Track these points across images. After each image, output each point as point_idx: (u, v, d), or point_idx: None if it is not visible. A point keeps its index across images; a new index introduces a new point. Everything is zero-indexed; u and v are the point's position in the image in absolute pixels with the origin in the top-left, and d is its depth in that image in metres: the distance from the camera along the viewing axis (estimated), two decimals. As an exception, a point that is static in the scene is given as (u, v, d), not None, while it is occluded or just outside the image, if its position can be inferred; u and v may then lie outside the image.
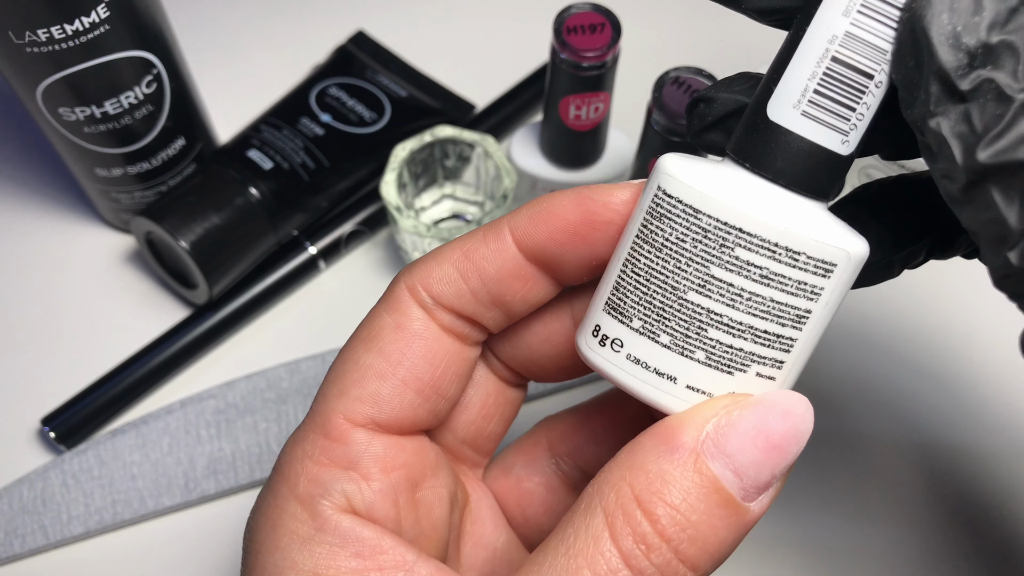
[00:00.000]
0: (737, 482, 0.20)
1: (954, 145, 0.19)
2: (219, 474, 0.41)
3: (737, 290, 0.21)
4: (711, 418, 0.21)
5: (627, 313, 0.22)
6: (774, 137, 0.21)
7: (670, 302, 0.21)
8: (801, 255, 0.20)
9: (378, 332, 0.25)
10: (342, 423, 0.24)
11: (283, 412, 0.43)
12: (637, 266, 0.22)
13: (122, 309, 0.47)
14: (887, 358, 0.45)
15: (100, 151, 0.43)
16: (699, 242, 0.21)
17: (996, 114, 0.18)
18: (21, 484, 0.40)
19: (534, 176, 0.45)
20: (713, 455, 0.20)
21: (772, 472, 0.20)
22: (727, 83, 0.24)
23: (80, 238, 0.49)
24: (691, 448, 0.20)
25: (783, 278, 0.20)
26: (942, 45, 0.18)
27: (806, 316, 0.21)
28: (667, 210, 0.21)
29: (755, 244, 0.20)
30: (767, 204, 0.20)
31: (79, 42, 0.38)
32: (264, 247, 0.46)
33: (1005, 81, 0.18)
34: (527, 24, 0.55)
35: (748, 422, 0.20)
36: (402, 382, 0.24)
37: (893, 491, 0.42)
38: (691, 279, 0.21)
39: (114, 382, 0.43)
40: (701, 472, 0.20)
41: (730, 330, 0.21)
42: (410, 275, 0.25)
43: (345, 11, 0.57)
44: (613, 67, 0.41)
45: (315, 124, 0.48)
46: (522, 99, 0.52)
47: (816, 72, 0.20)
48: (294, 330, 0.46)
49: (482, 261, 0.24)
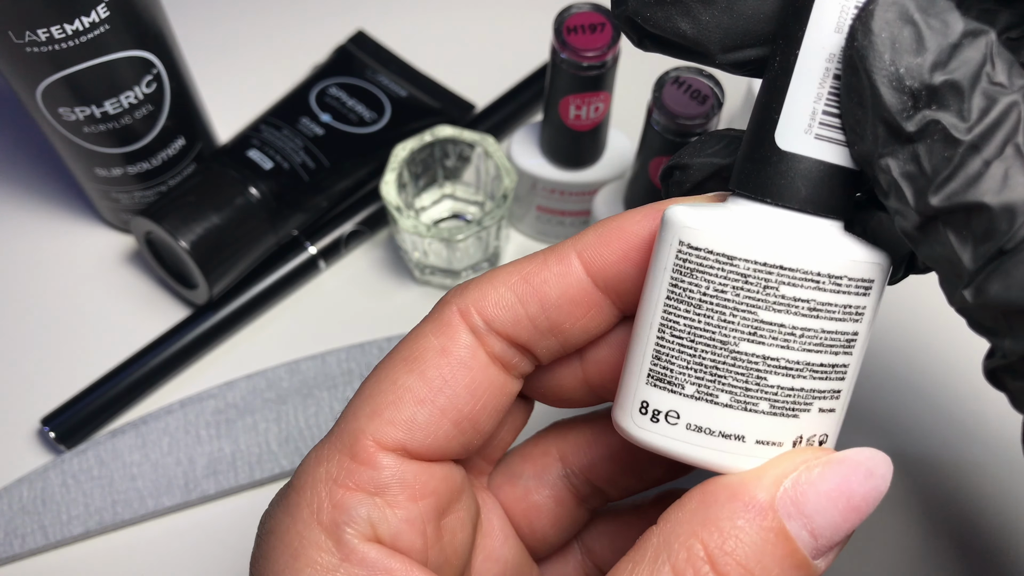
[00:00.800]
0: (812, 543, 0.19)
1: (904, 187, 0.18)
2: (219, 474, 0.41)
3: (789, 329, 0.20)
4: (789, 473, 0.20)
5: (676, 380, 0.21)
6: (791, 167, 0.20)
7: (722, 358, 0.20)
8: (843, 279, 0.20)
9: (421, 354, 0.23)
10: (370, 446, 0.22)
11: (283, 412, 0.43)
12: (676, 328, 0.21)
13: (122, 309, 0.47)
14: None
15: (100, 151, 0.43)
16: (741, 289, 0.20)
17: (944, 156, 0.18)
18: (21, 484, 0.40)
19: (534, 176, 0.45)
20: (791, 514, 0.19)
21: (847, 532, 0.20)
22: (699, 147, 0.24)
23: (80, 238, 0.49)
24: (768, 506, 0.19)
25: (830, 306, 0.20)
26: (885, 87, 0.18)
27: (854, 339, 0.21)
28: (698, 263, 0.20)
29: (798, 278, 0.20)
30: (801, 235, 0.20)
31: (79, 42, 0.37)
32: (264, 247, 0.45)
33: (951, 122, 0.18)
34: (527, 24, 0.55)
35: (830, 482, 0.20)
36: (440, 411, 0.23)
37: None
38: (740, 329, 0.20)
39: (114, 382, 0.43)
40: (778, 532, 0.19)
41: (789, 372, 0.20)
42: (462, 296, 0.24)
43: (345, 11, 0.57)
44: (613, 67, 0.41)
45: (315, 124, 0.48)
46: (522, 99, 0.52)
47: (821, 93, 0.20)
48: (294, 330, 0.46)
49: (544, 285, 0.23)
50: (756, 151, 0.21)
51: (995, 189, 0.17)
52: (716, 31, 0.21)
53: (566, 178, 0.45)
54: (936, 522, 0.41)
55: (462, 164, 0.46)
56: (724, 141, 0.24)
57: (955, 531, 0.41)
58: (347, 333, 0.46)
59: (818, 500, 0.19)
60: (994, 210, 0.17)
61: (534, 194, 0.46)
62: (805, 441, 0.21)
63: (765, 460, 0.20)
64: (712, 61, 0.22)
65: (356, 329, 0.46)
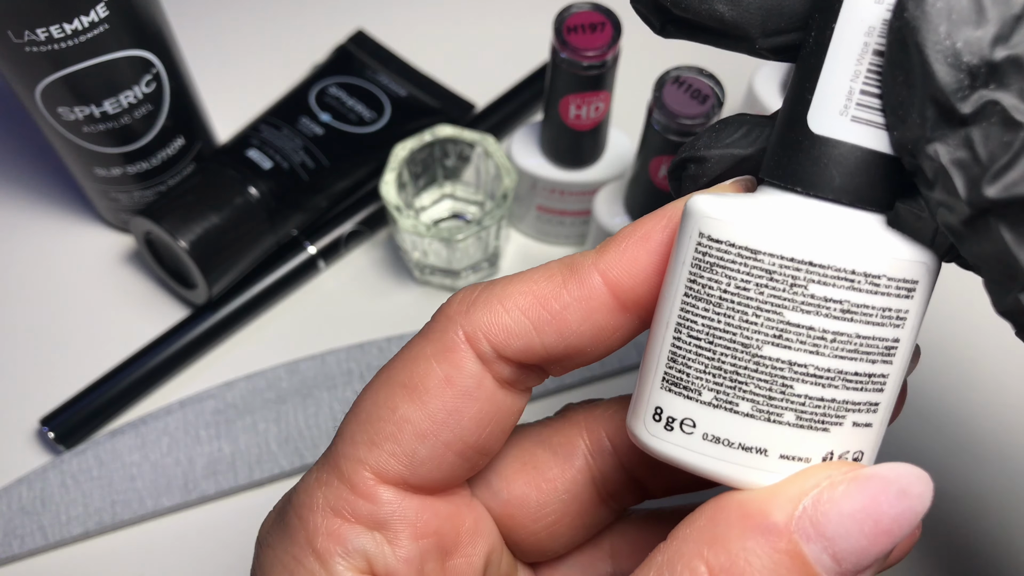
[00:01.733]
0: (835, 567, 0.17)
1: (955, 176, 0.16)
2: (218, 475, 0.41)
3: (819, 333, 0.18)
4: (810, 491, 0.18)
5: (693, 386, 0.19)
6: (825, 152, 0.18)
7: (744, 362, 0.18)
8: (882, 278, 0.18)
9: (422, 381, 0.21)
10: (369, 478, 0.21)
11: (282, 412, 0.43)
12: (694, 329, 0.19)
13: (121, 309, 0.47)
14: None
15: (99, 151, 0.43)
16: (765, 287, 0.18)
17: (1003, 141, 0.16)
18: (20, 484, 0.40)
19: (534, 176, 0.45)
20: (809, 536, 0.17)
21: (876, 557, 0.17)
22: (715, 136, 0.21)
23: (79, 238, 0.49)
24: (784, 527, 0.17)
25: (867, 308, 0.18)
26: (939, 63, 0.16)
27: (895, 346, 0.18)
28: (718, 257, 0.18)
29: (830, 276, 0.18)
30: (833, 228, 0.18)
31: (78, 41, 0.37)
32: (263, 247, 0.45)
33: (1012, 103, 0.16)
34: (527, 23, 0.55)
35: (855, 502, 0.17)
36: (444, 445, 0.21)
37: None
38: (764, 331, 0.18)
39: (113, 382, 0.43)
40: (793, 556, 0.17)
41: (819, 380, 0.18)
42: (469, 319, 0.21)
43: (345, 10, 0.57)
44: (613, 66, 0.41)
45: (315, 124, 0.48)
46: (522, 98, 0.52)
47: (859, 71, 0.18)
48: (293, 330, 0.46)
49: (564, 312, 0.21)
50: (787, 136, 0.19)
51: None
52: (757, 13, 0.19)
53: (566, 178, 0.45)
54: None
55: (462, 164, 0.46)
56: (744, 128, 0.21)
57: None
58: (347, 333, 0.46)
59: (841, 522, 0.17)
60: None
61: (534, 194, 0.46)
62: (837, 457, 0.19)
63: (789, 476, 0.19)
64: (751, 46, 0.20)
65: (356, 329, 0.46)
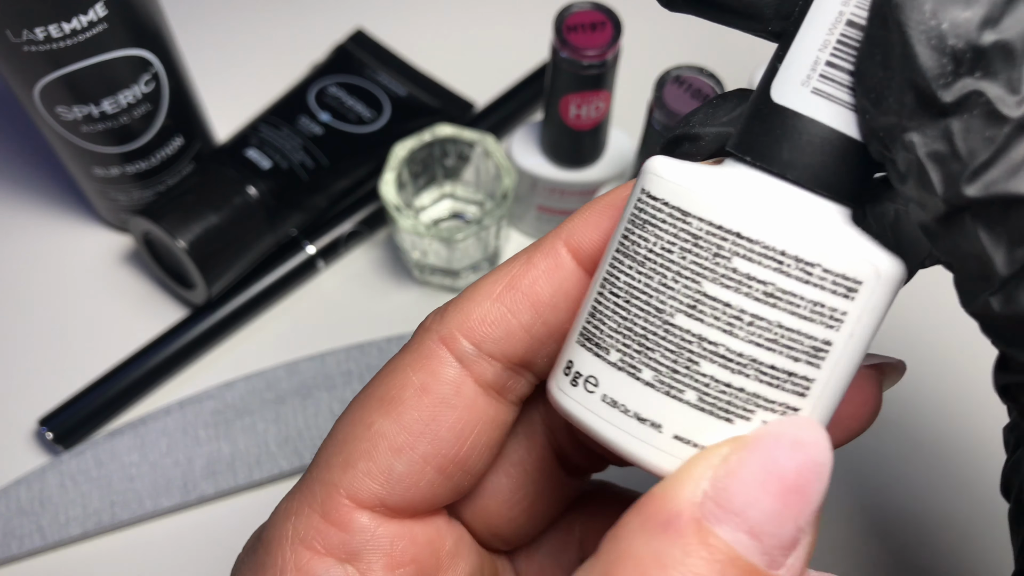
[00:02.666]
0: (757, 545, 0.16)
1: (932, 171, 0.15)
2: (217, 475, 0.41)
3: (736, 311, 0.16)
4: (706, 473, 0.16)
5: (604, 343, 0.18)
6: (780, 123, 0.17)
7: (654, 328, 0.17)
8: (816, 267, 0.16)
9: (398, 393, 0.20)
10: (343, 503, 0.20)
11: (282, 413, 0.43)
12: (616, 285, 0.18)
13: (120, 309, 0.47)
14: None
15: (98, 150, 0.43)
16: (688, 252, 0.17)
17: (985, 136, 0.15)
18: (18, 485, 0.40)
19: (534, 175, 0.45)
20: (718, 517, 0.16)
21: (796, 522, 0.16)
22: (710, 113, 0.20)
23: (78, 238, 0.49)
24: (689, 516, 0.16)
25: (793, 297, 0.16)
26: (922, 45, 0.15)
27: (825, 349, 0.17)
28: (651, 215, 0.18)
29: (757, 252, 0.16)
30: (772, 202, 0.17)
31: (77, 40, 0.37)
32: (263, 247, 0.45)
33: (997, 94, 0.15)
34: (527, 23, 0.54)
35: (753, 466, 0.16)
36: (422, 459, 0.20)
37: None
38: (679, 298, 0.17)
39: (112, 383, 0.43)
40: (708, 544, 0.15)
41: (728, 363, 0.17)
42: (442, 321, 0.21)
43: (344, 9, 0.56)
44: (614, 66, 0.41)
45: (314, 123, 0.48)
46: (522, 98, 0.52)
47: (828, 41, 0.17)
48: (293, 330, 0.46)
49: (533, 286, 0.20)
50: (753, 105, 0.18)
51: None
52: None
53: (566, 177, 0.45)
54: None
55: (462, 163, 0.46)
56: (740, 106, 0.20)
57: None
58: (346, 333, 0.45)
59: (744, 491, 0.16)
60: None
61: (534, 193, 0.46)
62: None
63: (682, 461, 0.17)
64: (762, 27, 0.19)
65: (355, 329, 0.46)
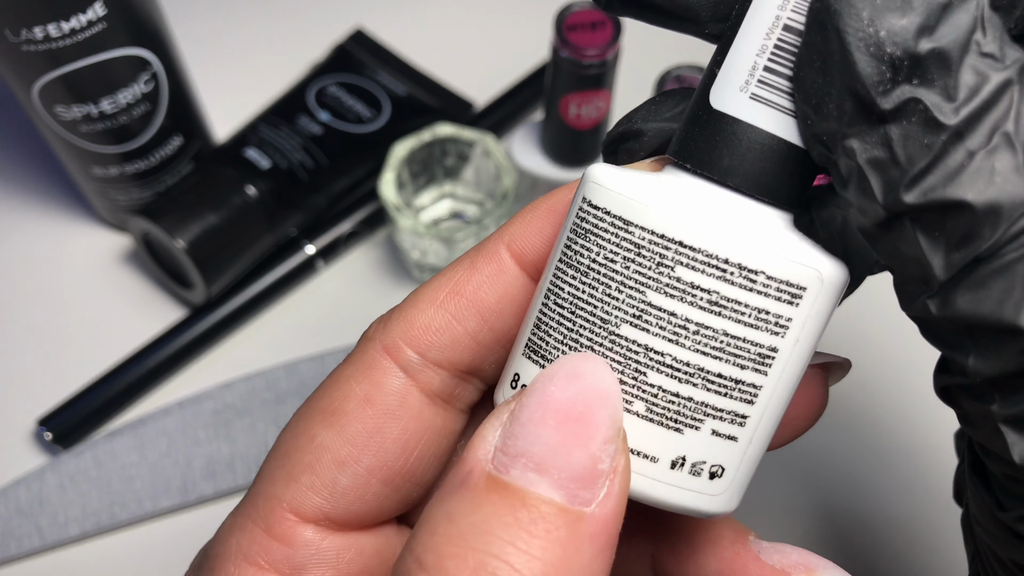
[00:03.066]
0: (546, 480, 0.15)
1: (872, 177, 0.15)
2: (217, 476, 0.41)
3: (681, 321, 0.16)
4: (497, 430, 0.16)
5: (549, 356, 0.18)
6: (720, 129, 0.17)
7: (599, 338, 0.17)
8: (759, 275, 0.16)
9: (341, 404, 0.20)
10: (287, 518, 0.19)
11: (281, 413, 0.42)
12: (560, 296, 0.18)
13: (119, 309, 0.46)
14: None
15: (97, 150, 0.43)
16: (632, 262, 0.17)
17: (923, 143, 0.15)
18: (17, 486, 0.40)
19: (534, 175, 0.45)
20: (505, 464, 0.15)
21: (586, 451, 0.15)
22: (653, 109, 0.20)
23: (77, 238, 0.49)
24: (479, 471, 0.16)
25: (738, 304, 0.16)
26: (860, 52, 0.15)
27: (771, 356, 0.17)
28: (593, 225, 0.17)
29: (700, 261, 0.16)
30: (713, 210, 0.17)
31: (76, 40, 0.37)
32: (262, 247, 0.45)
33: (934, 101, 0.15)
34: (527, 22, 0.54)
35: (530, 406, 0.16)
36: (366, 471, 0.20)
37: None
38: (624, 308, 0.17)
39: (111, 383, 0.43)
40: (498, 490, 0.15)
41: (675, 373, 0.17)
42: (386, 330, 0.20)
43: (344, 9, 0.56)
44: (614, 65, 0.41)
45: (313, 123, 0.47)
46: (522, 97, 0.51)
47: (766, 45, 0.17)
48: (292, 331, 0.46)
49: (478, 292, 0.20)
50: (692, 110, 0.18)
51: (979, 186, 0.15)
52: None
53: (566, 177, 0.45)
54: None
55: (461, 163, 0.46)
56: (684, 103, 0.20)
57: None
58: (346, 333, 0.45)
59: (524, 431, 0.15)
60: (977, 211, 0.15)
61: (534, 193, 0.46)
62: (689, 465, 0.17)
63: (634, 472, 0.17)
64: (699, 30, 0.19)
65: (355, 329, 0.45)
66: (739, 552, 0.20)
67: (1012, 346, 0.15)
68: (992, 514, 0.18)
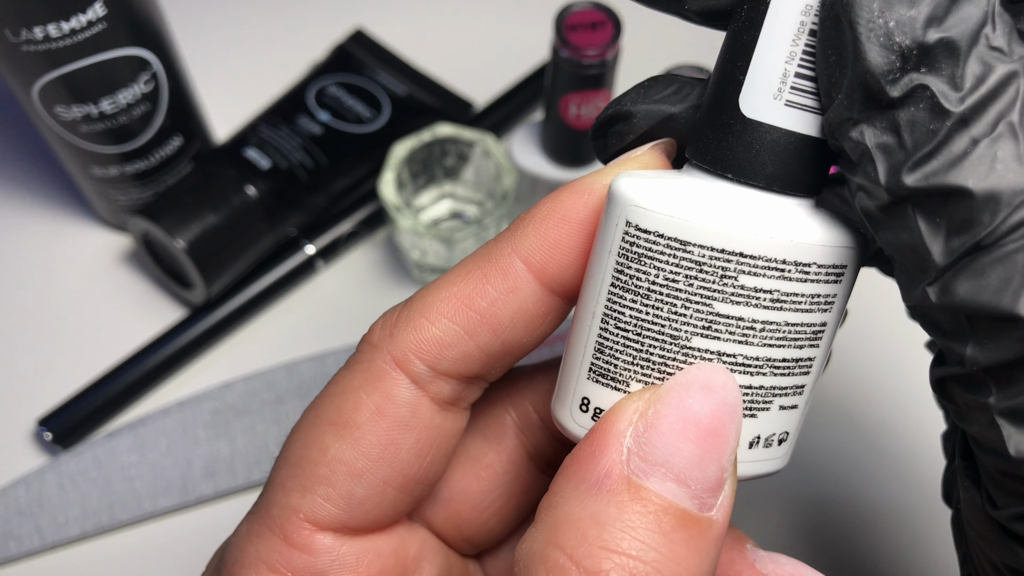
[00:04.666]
0: (686, 491, 0.16)
1: (878, 160, 0.16)
2: (217, 476, 0.41)
3: (748, 323, 0.18)
4: (626, 430, 0.17)
5: (621, 377, 0.18)
6: (757, 138, 0.18)
7: (672, 354, 0.18)
8: (812, 266, 0.18)
9: (352, 416, 0.20)
10: (304, 527, 0.20)
11: (281, 413, 0.42)
12: (622, 320, 0.18)
13: (119, 309, 0.46)
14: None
15: (97, 150, 0.43)
16: (695, 278, 0.17)
17: (928, 128, 0.15)
18: (17, 486, 0.40)
19: (534, 175, 0.45)
20: (645, 471, 0.16)
21: (719, 464, 0.17)
22: (643, 92, 0.21)
23: (77, 238, 0.49)
24: (618, 474, 0.16)
25: (796, 296, 0.18)
26: (871, 43, 0.16)
27: (822, 330, 0.18)
28: (646, 248, 0.18)
29: (760, 267, 0.17)
30: (766, 218, 0.18)
31: (76, 40, 0.37)
32: (262, 247, 0.45)
33: (940, 88, 0.15)
34: (527, 22, 0.54)
35: (669, 416, 0.17)
36: (382, 482, 0.20)
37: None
38: (693, 323, 0.18)
39: (111, 383, 0.43)
40: (640, 497, 0.16)
41: (747, 369, 0.18)
42: (395, 342, 0.20)
43: (344, 9, 0.56)
44: (614, 65, 0.41)
45: (313, 123, 0.47)
46: (522, 97, 0.51)
47: (794, 52, 0.17)
48: (292, 331, 0.46)
49: (492, 308, 0.20)
50: (717, 117, 0.18)
51: (980, 173, 0.15)
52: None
53: (567, 177, 0.45)
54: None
55: (461, 163, 0.46)
56: (673, 86, 0.20)
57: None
58: (345, 334, 0.45)
59: (666, 441, 0.16)
60: (976, 197, 0.15)
61: (534, 193, 0.46)
62: (763, 441, 0.19)
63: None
64: (678, 8, 0.19)
65: (355, 330, 0.45)
66: (735, 559, 0.21)
67: (1010, 334, 0.15)
68: (984, 514, 0.18)
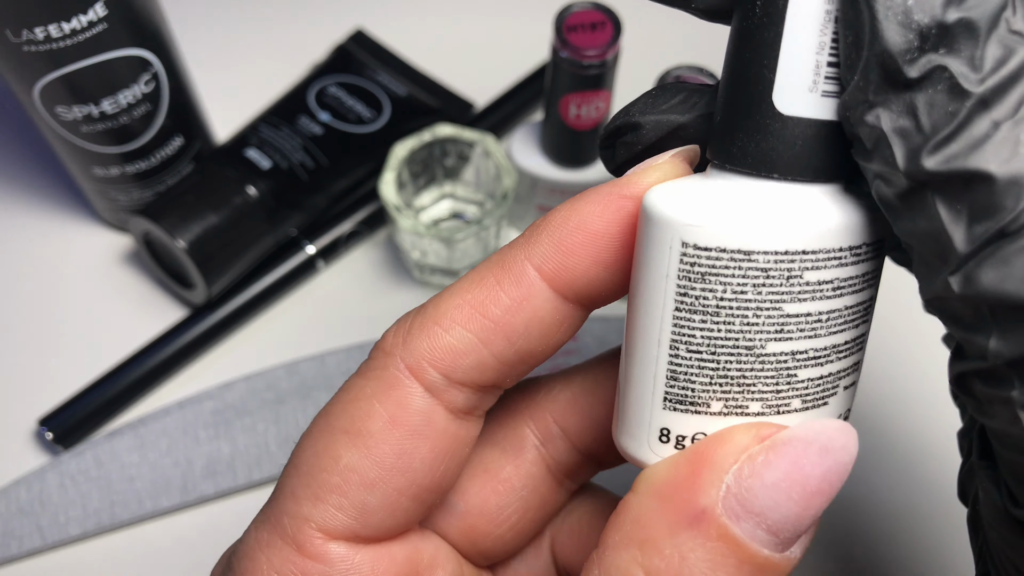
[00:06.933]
0: (772, 539, 0.16)
1: (895, 144, 0.16)
2: (217, 475, 0.41)
3: (816, 317, 0.18)
4: (729, 467, 0.17)
5: (700, 400, 0.18)
6: (799, 133, 0.17)
7: (749, 364, 0.18)
8: (861, 247, 0.18)
9: (364, 425, 0.20)
10: (316, 536, 0.19)
11: (282, 413, 0.42)
12: (693, 343, 0.18)
13: (120, 309, 0.46)
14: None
15: (98, 150, 0.43)
16: (763, 285, 0.17)
17: (947, 111, 0.15)
18: (18, 485, 0.40)
19: (534, 175, 0.45)
20: (739, 515, 0.16)
21: (812, 519, 0.17)
22: (650, 102, 0.20)
23: (77, 238, 0.49)
24: (711, 513, 0.16)
25: (852, 279, 0.18)
26: (889, 21, 0.15)
27: (871, 305, 0.19)
28: (709, 266, 0.18)
29: (822, 259, 0.17)
30: (818, 211, 0.18)
31: (77, 40, 0.37)
32: (263, 247, 0.45)
33: (960, 70, 0.15)
34: (527, 22, 0.54)
35: (778, 471, 0.16)
36: (396, 491, 0.20)
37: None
38: (766, 329, 0.18)
39: (112, 383, 0.43)
40: (728, 540, 0.16)
41: (818, 361, 0.18)
42: (409, 350, 0.20)
43: (344, 9, 0.56)
44: (614, 66, 0.41)
45: (314, 123, 0.48)
46: (522, 98, 0.51)
47: (823, 43, 0.17)
48: (293, 331, 0.46)
49: (506, 316, 0.20)
50: (748, 118, 0.18)
51: (1003, 156, 0.15)
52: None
53: (566, 177, 0.45)
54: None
55: (462, 163, 0.46)
56: (681, 95, 0.20)
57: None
58: (346, 334, 0.45)
59: (768, 494, 0.16)
60: (999, 182, 0.15)
61: (534, 193, 0.46)
62: None
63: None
64: (686, 4, 0.19)
65: (355, 330, 0.46)
66: None
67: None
68: (1006, 514, 0.18)
